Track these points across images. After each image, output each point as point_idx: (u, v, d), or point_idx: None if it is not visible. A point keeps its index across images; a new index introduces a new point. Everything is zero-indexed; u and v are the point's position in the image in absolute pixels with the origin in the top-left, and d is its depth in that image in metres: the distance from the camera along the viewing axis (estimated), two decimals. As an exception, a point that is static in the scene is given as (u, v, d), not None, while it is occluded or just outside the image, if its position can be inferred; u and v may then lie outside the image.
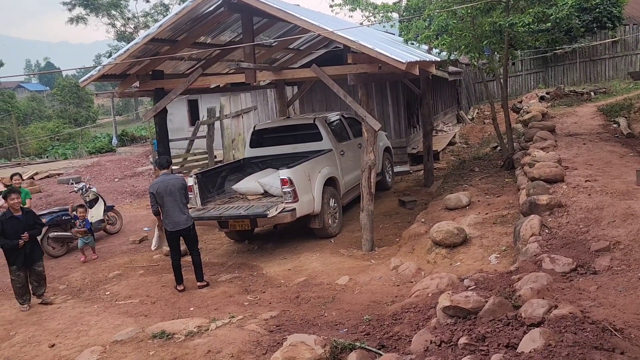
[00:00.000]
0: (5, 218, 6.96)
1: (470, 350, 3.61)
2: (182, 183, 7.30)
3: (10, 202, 7.01)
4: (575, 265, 4.62)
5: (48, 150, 29.25)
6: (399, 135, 14.73)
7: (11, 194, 7.05)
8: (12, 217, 6.98)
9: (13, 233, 6.91)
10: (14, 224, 6.95)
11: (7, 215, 6.99)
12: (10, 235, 6.89)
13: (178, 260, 7.31)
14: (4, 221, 6.92)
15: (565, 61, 22.90)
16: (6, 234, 6.88)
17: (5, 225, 6.90)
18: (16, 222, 6.98)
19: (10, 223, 6.94)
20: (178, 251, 7.37)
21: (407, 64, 7.17)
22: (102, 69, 8.48)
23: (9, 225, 6.92)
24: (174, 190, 7.10)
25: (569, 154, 8.93)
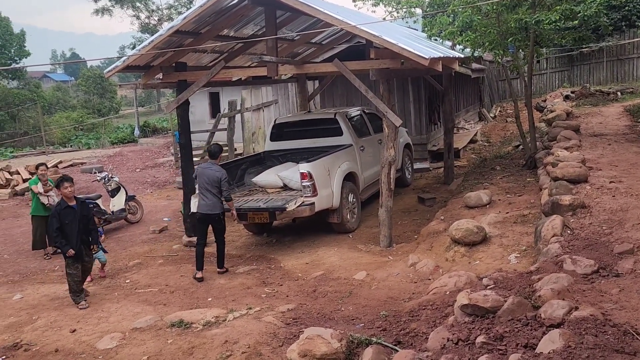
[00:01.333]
0: (61, 208, 6.54)
1: (488, 350, 3.59)
2: (218, 177, 7.38)
3: (64, 190, 6.56)
4: (597, 267, 4.55)
5: (72, 139, 29.73)
6: (420, 132, 14.63)
7: (64, 182, 6.59)
8: (68, 206, 6.55)
9: (70, 224, 6.49)
10: (69, 214, 6.53)
11: (62, 205, 6.57)
12: (67, 227, 6.47)
13: (202, 247, 7.51)
14: (60, 212, 6.51)
15: (592, 60, 22.47)
16: (63, 224, 6.46)
17: (61, 215, 6.49)
18: (72, 212, 6.55)
19: (66, 213, 6.52)
20: (203, 238, 7.59)
21: (430, 60, 7.12)
22: (126, 59, 8.58)
23: (65, 215, 6.51)
24: (208, 180, 7.39)
25: (593, 154, 8.77)
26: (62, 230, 6.47)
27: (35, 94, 34.50)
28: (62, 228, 6.46)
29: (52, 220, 6.57)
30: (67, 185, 6.57)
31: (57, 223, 6.47)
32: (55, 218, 6.53)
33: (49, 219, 6.80)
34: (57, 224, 6.47)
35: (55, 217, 6.53)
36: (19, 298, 7.06)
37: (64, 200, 6.60)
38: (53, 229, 6.52)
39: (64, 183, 6.58)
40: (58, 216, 6.50)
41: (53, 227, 6.51)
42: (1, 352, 5.43)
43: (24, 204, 13.98)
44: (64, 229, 6.48)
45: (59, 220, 6.47)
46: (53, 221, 6.54)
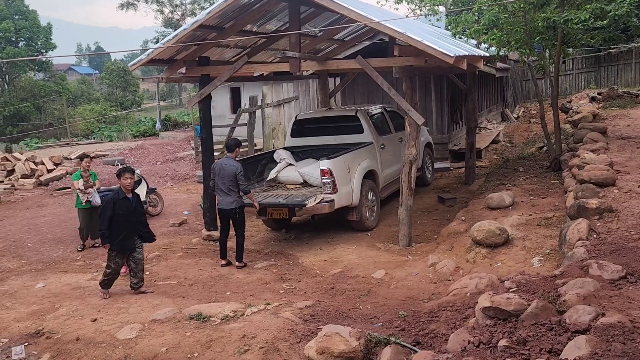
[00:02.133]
0: (118, 198, 6.40)
1: (511, 354, 3.52)
2: (234, 171, 7.47)
3: (124, 181, 6.43)
4: (624, 273, 4.43)
5: (95, 131, 30.18)
6: (441, 131, 14.47)
7: (125, 173, 6.47)
8: (125, 197, 6.44)
9: (123, 215, 6.38)
10: (125, 206, 6.42)
11: (120, 195, 6.43)
12: (120, 218, 6.36)
13: (224, 238, 7.81)
14: (116, 201, 6.36)
15: (620, 61, 22.00)
16: (116, 215, 6.34)
17: (116, 205, 6.35)
18: (127, 204, 6.44)
19: (122, 204, 6.40)
20: (225, 230, 7.82)
21: (455, 57, 7.02)
22: (151, 53, 8.63)
23: (120, 205, 6.38)
24: (224, 174, 7.51)
25: (621, 157, 8.57)
26: (112, 221, 6.34)
27: (60, 86, 35.13)
28: (112, 218, 6.33)
29: (106, 208, 6.39)
30: (127, 176, 6.44)
31: (110, 212, 6.33)
32: (110, 207, 6.35)
33: (104, 205, 6.52)
34: (110, 213, 6.32)
35: (110, 206, 6.35)
36: (41, 286, 7.17)
37: (121, 191, 6.45)
38: (106, 217, 6.35)
39: (125, 174, 6.46)
40: (113, 205, 6.34)
41: (106, 215, 6.35)
42: (24, 339, 5.51)
43: (47, 194, 14.22)
44: (115, 219, 6.34)
45: (113, 210, 6.33)
46: (107, 209, 6.37)
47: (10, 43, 34.58)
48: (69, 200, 13.12)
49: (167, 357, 4.78)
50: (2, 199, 13.56)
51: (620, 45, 20.37)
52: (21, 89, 33.29)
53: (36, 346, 5.36)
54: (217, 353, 4.71)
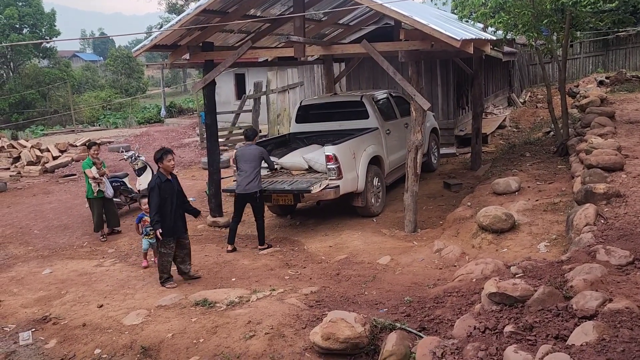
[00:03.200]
0: (161, 182, 6.24)
1: (517, 339, 3.51)
2: (259, 153, 7.77)
3: (168, 163, 6.30)
4: (632, 259, 4.39)
5: (100, 118, 30.18)
6: (447, 117, 14.36)
7: (167, 155, 6.31)
8: (167, 180, 6.30)
9: (169, 198, 6.25)
10: (169, 188, 6.29)
11: (162, 178, 6.27)
12: (166, 201, 6.23)
13: (235, 224, 7.91)
14: (160, 185, 6.21)
15: (628, 44, 21.70)
16: (162, 199, 6.19)
17: (161, 190, 6.20)
18: (171, 186, 6.32)
19: (166, 187, 6.27)
20: (238, 216, 7.93)
21: (462, 41, 6.93)
22: (154, 38, 8.57)
23: (165, 189, 6.24)
24: (248, 158, 7.69)
25: (629, 142, 8.48)
26: (160, 205, 6.20)
27: (65, 73, 35.06)
28: (160, 203, 6.19)
29: (153, 194, 6.20)
30: (170, 157, 6.32)
31: (157, 198, 6.17)
32: (155, 192, 6.19)
33: (150, 192, 6.28)
34: (158, 199, 6.17)
35: (155, 192, 6.19)
36: (48, 272, 7.21)
37: (162, 174, 6.30)
38: (155, 204, 6.18)
39: (167, 155, 6.31)
40: (159, 191, 6.18)
41: (154, 201, 6.18)
42: (31, 325, 5.56)
43: (53, 181, 14.26)
44: (162, 204, 6.20)
45: (159, 195, 6.19)
46: (154, 196, 6.19)
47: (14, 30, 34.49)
48: (74, 187, 13.17)
49: (173, 342, 4.81)
50: (9, 186, 13.62)
51: (630, 28, 20.05)
52: (26, 76, 33.27)
53: (43, 332, 5.40)
54: (222, 338, 4.73)
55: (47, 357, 4.97)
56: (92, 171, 8.72)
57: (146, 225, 7.19)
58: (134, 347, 4.86)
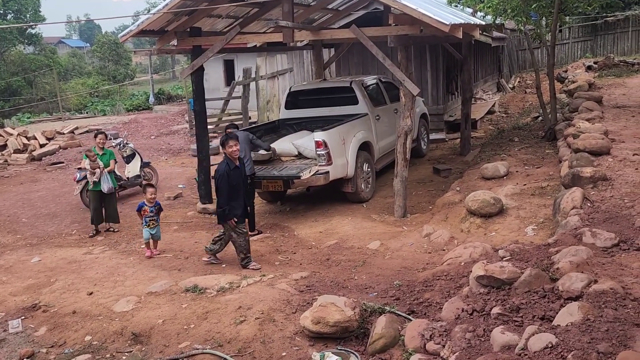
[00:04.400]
0: (229, 169, 6.11)
1: (504, 321, 3.56)
2: (248, 136, 7.84)
3: (229, 149, 6.16)
4: (617, 241, 4.46)
5: (87, 105, 29.83)
6: (436, 102, 14.38)
7: (229, 141, 6.16)
8: (236, 167, 6.21)
9: (238, 185, 6.17)
10: (237, 175, 6.20)
11: (231, 165, 6.15)
12: (235, 188, 6.15)
13: None
14: (229, 172, 6.10)
15: (617, 29, 21.78)
16: (231, 186, 6.10)
17: (230, 177, 6.10)
18: (239, 173, 6.24)
19: (235, 174, 6.17)
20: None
21: (451, 26, 6.91)
22: (140, 23, 8.46)
23: (234, 176, 6.15)
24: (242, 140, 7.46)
25: (616, 126, 8.56)
26: (230, 193, 6.10)
27: (51, 59, 34.55)
28: (230, 191, 6.09)
29: (222, 182, 6.09)
30: (232, 143, 6.13)
31: (227, 186, 6.08)
32: (225, 180, 6.08)
33: (219, 180, 6.15)
34: (227, 188, 6.08)
35: (225, 179, 6.09)
36: (37, 261, 7.17)
37: (230, 161, 6.18)
38: (224, 192, 6.08)
39: (229, 141, 6.15)
40: (228, 178, 6.08)
41: (224, 190, 6.08)
42: (20, 313, 5.54)
43: (41, 169, 14.13)
44: (232, 191, 6.11)
45: (229, 182, 6.08)
46: (223, 184, 6.08)
47: (-2, 16, 33.89)
48: (62, 175, 13.05)
49: (163, 328, 4.82)
50: (-5, 174, 13.47)
51: (618, 12, 20.13)
52: (11, 63, 32.73)
53: (33, 319, 5.39)
54: (213, 324, 4.75)
55: (37, 344, 4.97)
56: (84, 162, 8.47)
57: (146, 215, 7.06)
58: (124, 334, 4.87)
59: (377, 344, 4.04)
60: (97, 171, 8.33)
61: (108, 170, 8.45)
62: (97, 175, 8.29)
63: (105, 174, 8.39)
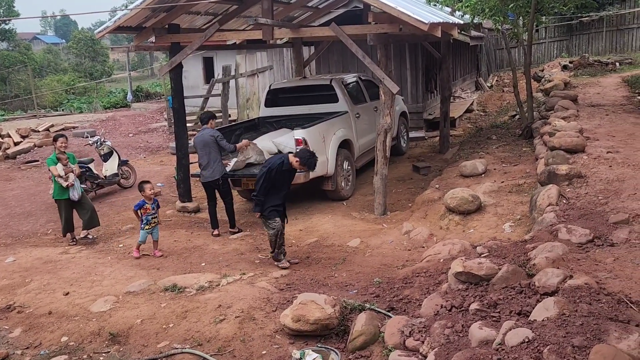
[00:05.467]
0: (281, 168, 6.00)
1: (482, 316, 3.60)
2: (213, 138, 7.57)
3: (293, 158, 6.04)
4: (592, 237, 4.55)
5: (63, 103, 29.29)
6: (416, 100, 14.48)
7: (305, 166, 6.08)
8: (290, 170, 6.10)
9: (280, 186, 6.07)
10: (286, 177, 6.13)
11: (286, 166, 6.03)
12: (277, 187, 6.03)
13: (212, 208, 7.85)
14: (279, 170, 5.98)
15: (591, 30, 22.20)
16: (277, 185, 6.00)
17: (278, 173, 5.98)
18: (289, 177, 6.17)
19: (284, 175, 6.09)
20: (212, 200, 7.86)
21: (429, 24, 6.96)
22: (118, 19, 8.34)
23: (282, 175, 6.05)
24: (204, 145, 7.59)
25: (590, 124, 8.73)
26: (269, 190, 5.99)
27: (25, 56, 33.85)
28: (269, 188, 5.98)
29: (266, 175, 5.94)
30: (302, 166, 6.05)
31: (268, 182, 5.95)
32: (268, 175, 5.93)
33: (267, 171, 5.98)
34: (268, 183, 5.95)
35: (269, 175, 5.93)
36: (11, 261, 7.01)
37: (289, 162, 6.05)
38: (263, 185, 5.94)
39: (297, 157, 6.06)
40: (272, 174, 5.94)
41: (264, 184, 5.94)
42: (-6, 314, 5.42)
43: (15, 168, 13.84)
44: (271, 189, 6.00)
45: (271, 179, 5.96)
46: (266, 177, 5.94)
47: (-31, 10, 33.07)
48: (37, 174, 12.80)
49: (142, 328, 4.77)
50: (-32, 173, 13.14)
51: (592, 13, 20.52)
52: (-16, 59, 32.00)
53: (7, 321, 5.27)
54: (192, 323, 4.71)
55: (12, 346, 4.86)
56: (57, 169, 7.45)
57: (147, 214, 6.83)
58: (102, 334, 4.79)
59: (357, 341, 4.06)
60: (70, 175, 7.54)
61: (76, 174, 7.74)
62: (71, 180, 7.51)
63: (76, 181, 7.65)
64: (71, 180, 7.49)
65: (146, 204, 6.91)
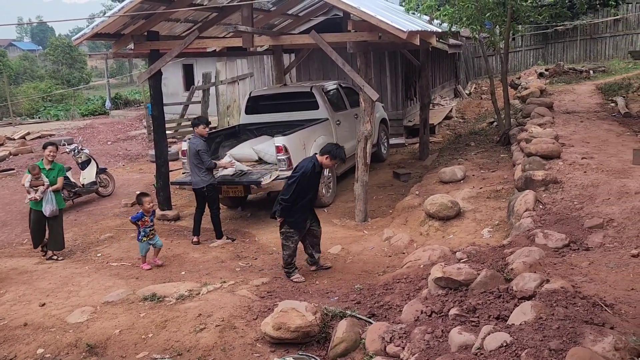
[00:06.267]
0: (314, 171, 5.75)
1: (461, 321, 3.64)
2: (195, 148, 7.49)
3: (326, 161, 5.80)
4: (568, 241, 4.64)
5: (40, 110, 28.83)
6: (396, 108, 14.60)
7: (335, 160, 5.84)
8: (318, 172, 5.87)
9: (308, 191, 5.82)
10: (314, 180, 5.85)
11: (317, 168, 5.78)
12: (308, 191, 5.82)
13: (198, 215, 7.78)
14: (311, 173, 5.74)
15: (566, 38, 22.68)
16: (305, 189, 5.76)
17: (309, 176, 5.74)
18: (317, 179, 5.91)
19: (312, 178, 5.81)
20: (200, 207, 7.79)
21: (408, 33, 7.04)
22: (95, 26, 8.26)
23: (310, 179, 5.79)
24: (190, 154, 7.60)
25: (566, 131, 8.90)
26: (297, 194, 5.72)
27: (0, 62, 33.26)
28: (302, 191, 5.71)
29: (298, 179, 5.70)
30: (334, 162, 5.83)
31: (299, 187, 5.68)
32: (301, 180, 5.68)
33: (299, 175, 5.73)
34: (299, 188, 5.68)
35: (302, 179, 5.68)
36: (-15, 272, 6.86)
37: (318, 164, 5.82)
38: (293, 190, 5.66)
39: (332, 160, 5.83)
40: (306, 177, 5.69)
41: (294, 188, 5.66)
42: (-33, 327, 5.28)
43: (-10, 176, 13.53)
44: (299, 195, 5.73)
45: (302, 183, 5.70)
46: (297, 181, 5.69)
47: (-57, 17, 32.39)
48: (12, 182, 12.55)
49: (120, 339, 4.70)
50: (-60, 182, 12.81)
51: (567, 22, 20.98)
52: (-43, 65, 31.38)
53: (-19, 333, 5.15)
54: (172, 333, 4.66)
55: (-15, 359, 4.75)
56: (24, 178, 7.14)
57: (145, 226, 6.62)
58: (79, 346, 4.71)
59: (339, 348, 4.06)
60: (39, 189, 7.09)
61: (54, 189, 7.17)
62: (39, 194, 7.07)
63: (49, 194, 7.11)
64: (33, 195, 7.06)
65: (144, 216, 6.68)
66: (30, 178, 7.11)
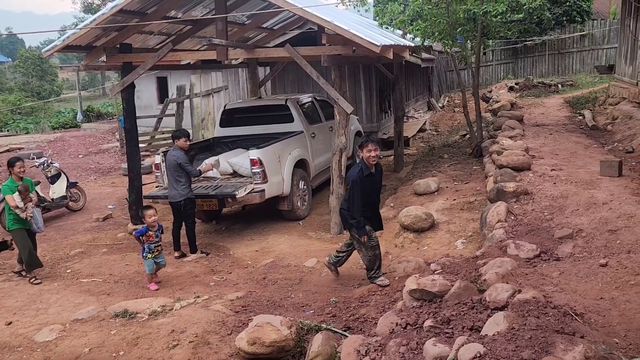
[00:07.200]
0: (363, 175, 5.45)
1: (435, 333, 3.65)
2: (175, 161, 7.38)
3: (367, 154, 5.46)
4: (539, 252, 4.72)
5: (9, 123, 28.15)
6: (370, 120, 14.73)
7: (368, 144, 5.44)
8: (370, 174, 5.52)
9: (368, 195, 5.54)
10: (370, 182, 5.55)
11: (365, 171, 5.48)
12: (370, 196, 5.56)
13: (176, 229, 7.68)
14: (362, 179, 5.44)
15: (535, 53, 23.28)
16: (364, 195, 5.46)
17: (364, 183, 5.45)
18: (372, 180, 5.57)
19: (367, 181, 5.51)
20: (176, 221, 7.70)
21: (381, 47, 7.14)
22: (67, 38, 8.15)
23: (367, 183, 5.52)
24: (169, 166, 7.50)
25: (536, 143, 9.09)
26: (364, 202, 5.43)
27: (-33, 74, 32.44)
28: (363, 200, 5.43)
29: (355, 191, 5.42)
30: (371, 147, 5.43)
31: (360, 195, 5.39)
32: (359, 188, 5.40)
33: (352, 187, 5.48)
34: (360, 197, 5.38)
35: (359, 188, 5.41)
36: (-52, 290, 6.62)
37: (365, 166, 5.50)
38: (358, 203, 5.39)
39: (368, 145, 5.44)
40: (361, 185, 5.41)
41: (357, 200, 5.39)
42: None
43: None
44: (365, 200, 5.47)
45: (362, 190, 5.41)
46: (356, 192, 5.41)
47: None
48: (-21, 197, 12.19)
49: (90, 357, 4.57)
50: None
51: (535, 37, 21.56)
52: None
53: (-57, 355, 4.95)
54: (144, 350, 4.55)
55: (-53, 381, 4.57)
56: (14, 198, 6.61)
57: (150, 242, 6.27)
58: (47, 365, 4.57)
59: (314, 362, 4.02)
60: (29, 206, 6.73)
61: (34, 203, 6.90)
62: (29, 212, 6.72)
63: (36, 211, 6.89)
64: (29, 212, 6.72)
65: (149, 231, 6.31)
66: (18, 196, 6.67)
